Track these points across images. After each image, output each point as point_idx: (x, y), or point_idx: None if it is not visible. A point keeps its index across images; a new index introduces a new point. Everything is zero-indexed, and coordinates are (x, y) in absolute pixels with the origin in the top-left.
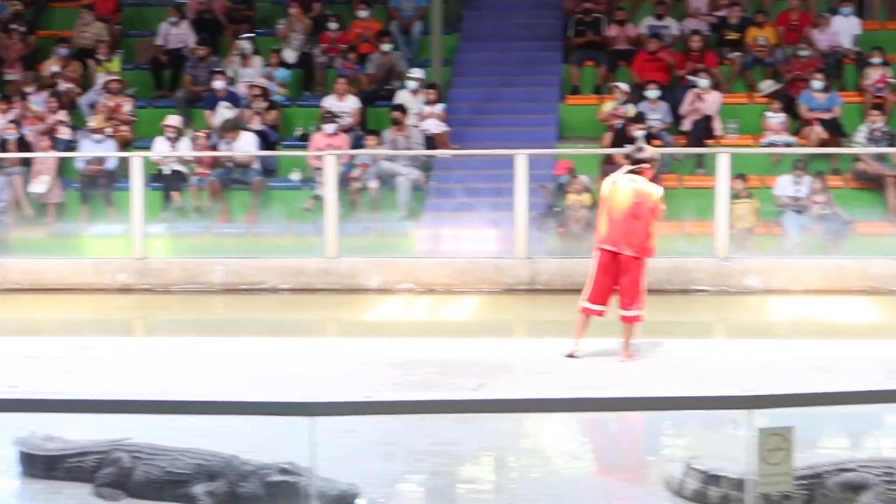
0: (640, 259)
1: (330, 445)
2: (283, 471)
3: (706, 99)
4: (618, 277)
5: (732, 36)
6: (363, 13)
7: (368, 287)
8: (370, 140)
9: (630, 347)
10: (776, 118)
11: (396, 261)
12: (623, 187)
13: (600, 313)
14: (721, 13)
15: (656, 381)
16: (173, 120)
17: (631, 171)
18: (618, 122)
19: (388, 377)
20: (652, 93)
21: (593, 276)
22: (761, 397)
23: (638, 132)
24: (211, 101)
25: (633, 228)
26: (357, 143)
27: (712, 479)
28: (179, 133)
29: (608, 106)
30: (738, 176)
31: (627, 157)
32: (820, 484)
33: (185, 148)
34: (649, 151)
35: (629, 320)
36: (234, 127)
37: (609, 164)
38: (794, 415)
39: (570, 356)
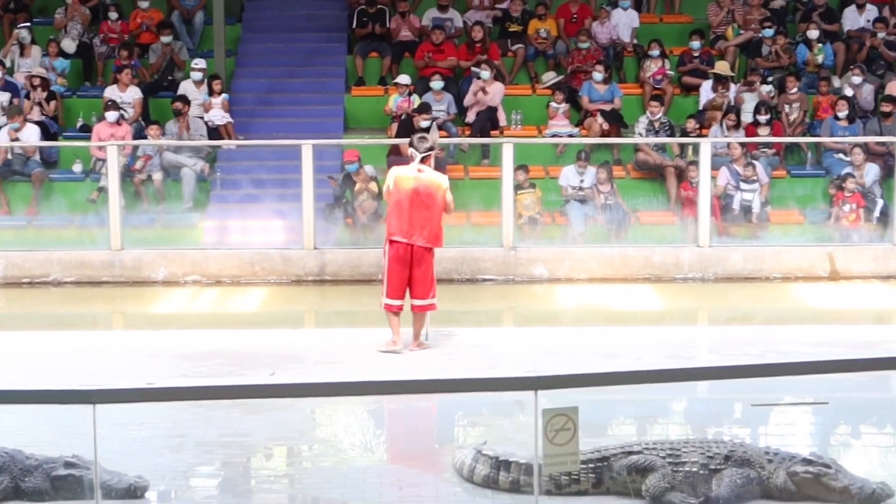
0: (431, 249)
1: (118, 438)
2: (69, 464)
3: (490, 90)
4: (411, 268)
5: (515, 28)
6: (144, 3)
7: (154, 279)
8: (152, 130)
9: (420, 337)
10: (559, 109)
11: (182, 252)
12: (412, 178)
13: (401, 308)
14: (503, 5)
15: (446, 369)
16: None
17: (419, 162)
18: (403, 114)
19: (177, 369)
20: (436, 84)
21: (388, 270)
22: (545, 378)
23: (423, 123)
24: None
25: (425, 219)
26: (140, 134)
27: (502, 464)
28: None
29: (392, 100)
30: (520, 167)
31: (410, 145)
32: (607, 467)
33: None
34: (430, 140)
35: (422, 309)
36: (19, 111)
37: (395, 155)
38: (582, 402)
39: (391, 352)
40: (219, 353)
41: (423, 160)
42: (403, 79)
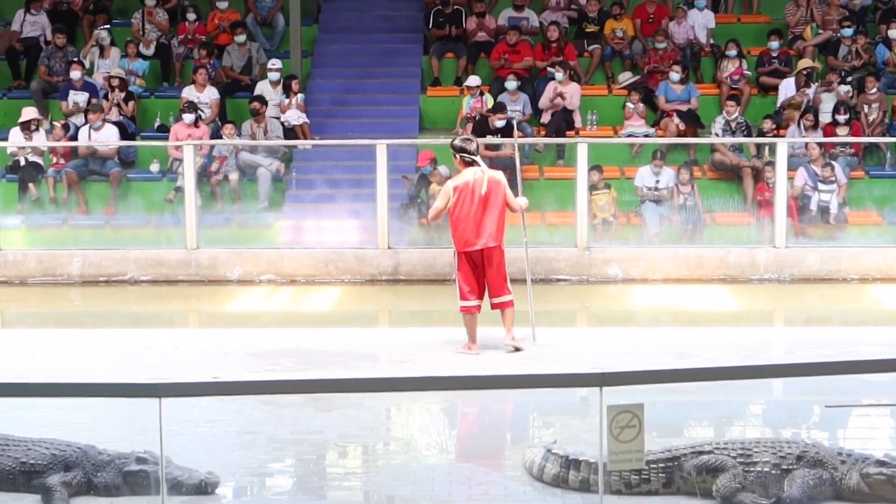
0: (501, 246)
1: (190, 435)
2: (140, 460)
3: (566, 90)
4: (485, 269)
5: (591, 28)
6: (223, 4)
7: (230, 278)
8: (227, 129)
9: (512, 330)
10: (635, 109)
11: (258, 252)
12: (479, 181)
13: (479, 308)
14: (579, 5)
15: (518, 369)
16: (32, 113)
17: (472, 163)
18: (477, 114)
19: (250, 366)
20: (511, 84)
21: (461, 274)
22: (610, 374)
23: (499, 122)
24: (66, 92)
25: (492, 218)
26: (217, 135)
27: (572, 463)
28: (39, 124)
29: (465, 103)
30: (594, 167)
31: (462, 151)
32: (677, 467)
33: (41, 139)
34: (476, 142)
35: (505, 305)
36: (100, 109)
37: None
38: (656, 402)
39: (468, 354)
40: (292, 352)
41: (473, 163)
42: (473, 80)
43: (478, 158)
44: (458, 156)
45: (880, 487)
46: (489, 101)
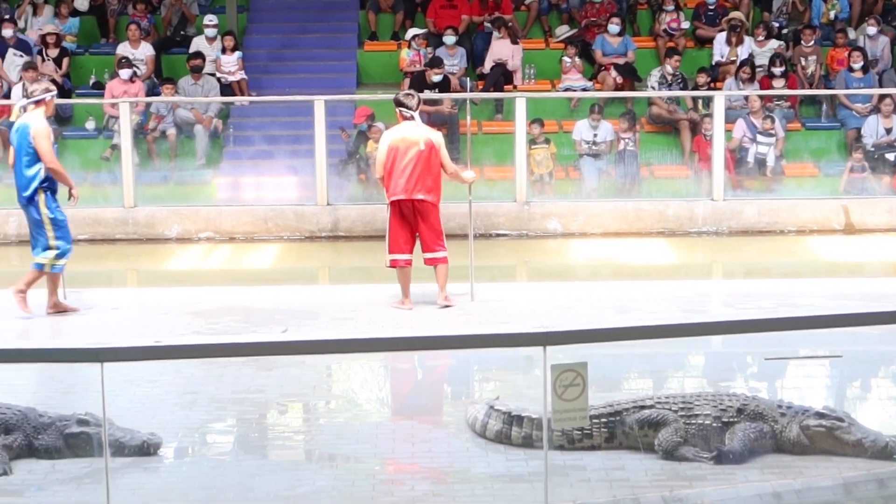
0: (436, 203)
1: (131, 396)
2: (82, 422)
3: (503, 45)
4: (418, 223)
5: None
6: None
7: (168, 236)
8: (166, 88)
9: (445, 289)
10: (572, 63)
11: (196, 209)
12: (412, 134)
13: (408, 262)
14: None
15: (458, 324)
16: None
17: (410, 119)
18: (416, 68)
19: (190, 325)
20: (449, 38)
21: (391, 227)
22: (554, 334)
23: (436, 77)
24: (1, 50)
25: (427, 173)
26: (153, 91)
27: (515, 419)
28: None
29: (406, 53)
30: (535, 121)
31: (401, 105)
32: (619, 422)
33: None
34: (417, 97)
35: (438, 262)
36: (33, 66)
37: None
38: (596, 356)
39: (401, 309)
40: (232, 310)
41: (405, 116)
42: (415, 31)
43: (416, 114)
44: (397, 110)
45: (820, 439)
46: (428, 55)
